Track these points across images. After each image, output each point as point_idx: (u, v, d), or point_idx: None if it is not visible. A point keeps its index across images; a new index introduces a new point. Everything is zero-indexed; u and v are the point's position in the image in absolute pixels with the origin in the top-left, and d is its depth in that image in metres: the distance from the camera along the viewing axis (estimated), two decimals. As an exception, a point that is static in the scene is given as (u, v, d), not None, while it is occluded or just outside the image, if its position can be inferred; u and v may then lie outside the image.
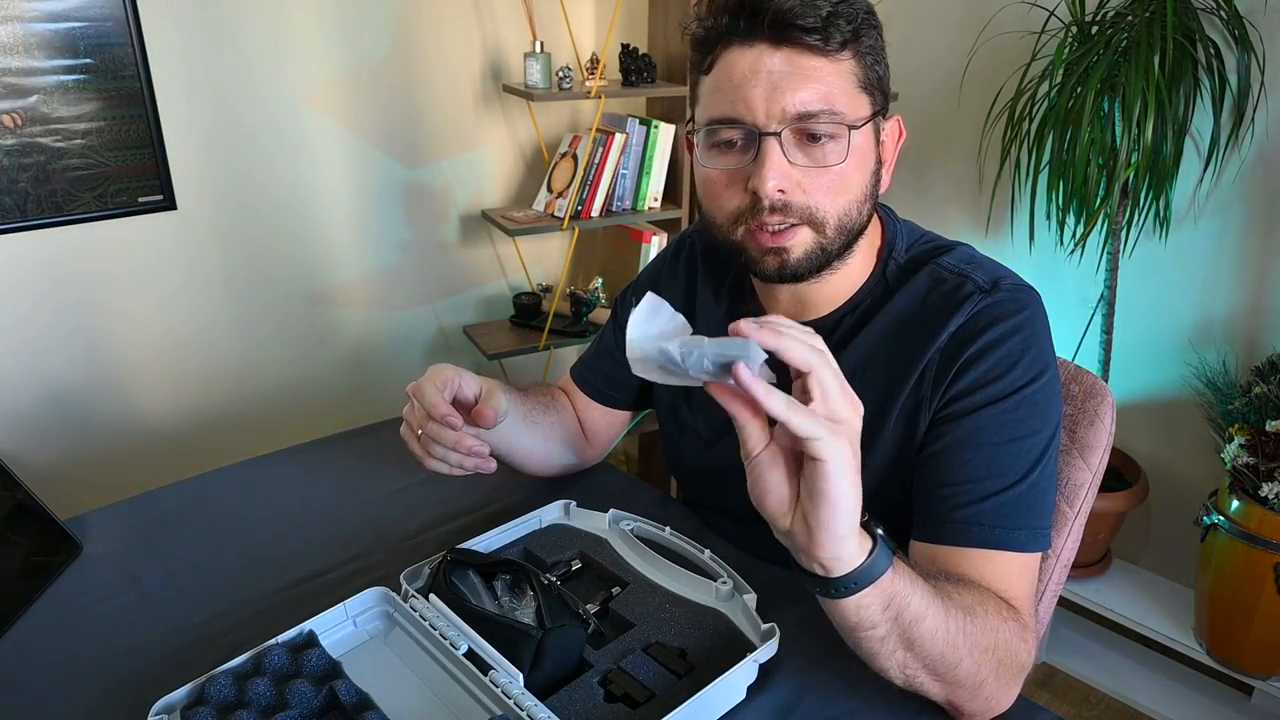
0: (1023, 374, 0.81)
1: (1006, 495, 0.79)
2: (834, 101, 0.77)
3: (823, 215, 0.81)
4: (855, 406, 0.63)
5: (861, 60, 0.79)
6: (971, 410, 0.81)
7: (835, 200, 0.81)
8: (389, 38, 2.25)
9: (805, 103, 0.77)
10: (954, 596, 0.71)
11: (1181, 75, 1.56)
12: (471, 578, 0.86)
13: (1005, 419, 0.80)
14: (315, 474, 1.17)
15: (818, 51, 0.77)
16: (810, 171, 0.79)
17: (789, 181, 0.79)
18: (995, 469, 0.79)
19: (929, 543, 0.81)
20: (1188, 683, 1.88)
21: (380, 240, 2.41)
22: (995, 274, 0.86)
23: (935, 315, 0.85)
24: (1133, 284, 1.84)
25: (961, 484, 0.80)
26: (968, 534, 0.79)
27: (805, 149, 0.79)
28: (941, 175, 2.14)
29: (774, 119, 0.77)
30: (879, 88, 0.82)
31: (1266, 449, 1.54)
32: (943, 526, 0.80)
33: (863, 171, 0.82)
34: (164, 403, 2.20)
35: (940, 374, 0.83)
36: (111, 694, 0.79)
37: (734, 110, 0.79)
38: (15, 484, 0.99)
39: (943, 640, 0.69)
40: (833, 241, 0.83)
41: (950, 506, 0.80)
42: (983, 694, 0.73)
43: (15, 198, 1.88)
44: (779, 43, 0.77)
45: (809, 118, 0.77)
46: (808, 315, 0.92)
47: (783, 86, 0.77)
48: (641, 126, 2.33)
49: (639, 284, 1.12)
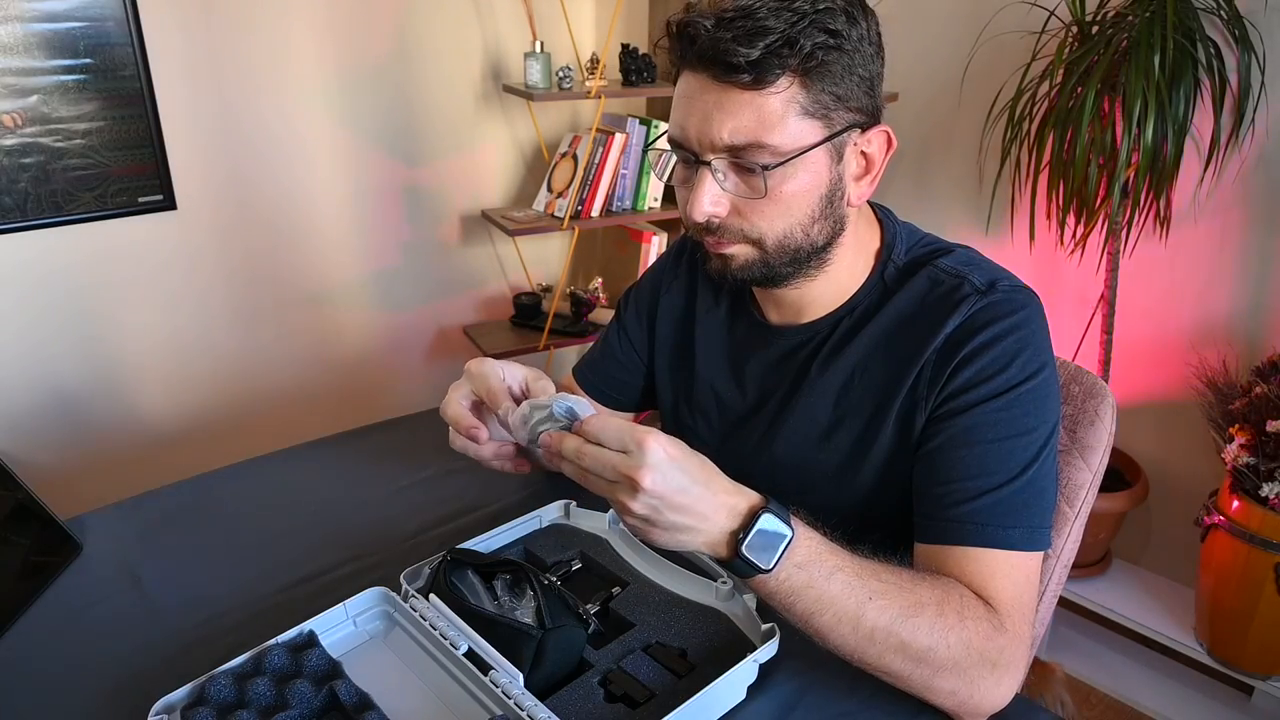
0: (1018, 372, 0.81)
1: (1000, 493, 0.79)
2: (763, 135, 0.77)
3: (759, 235, 0.83)
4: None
5: (811, 86, 0.77)
6: (966, 408, 0.81)
7: (774, 224, 0.82)
8: (389, 38, 2.25)
9: (733, 135, 0.77)
10: (892, 596, 0.72)
11: (1181, 75, 1.56)
12: (471, 578, 0.86)
13: (999, 416, 0.80)
14: (315, 474, 1.17)
15: (749, 87, 0.76)
16: (746, 199, 0.81)
17: (721, 206, 0.81)
18: (989, 467, 0.79)
19: (928, 544, 0.81)
20: (1188, 683, 1.88)
21: (380, 240, 2.41)
22: (993, 275, 0.86)
23: (932, 316, 0.85)
24: (1133, 284, 1.84)
25: (955, 482, 0.80)
26: (961, 532, 0.79)
27: (741, 176, 0.80)
28: (941, 175, 2.14)
29: (705, 148, 0.79)
30: (844, 105, 0.79)
31: (1266, 449, 1.54)
32: (938, 525, 0.80)
33: (809, 195, 0.81)
34: (164, 403, 2.20)
35: (936, 373, 0.83)
36: (111, 694, 0.79)
37: (680, 134, 0.82)
38: (15, 484, 0.99)
39: (850, 635, 0.72)
40: (774, 258, 0.84)
41: (945, 505, 0.80)
42: (939, 687, 0.74)
43: (15, 198, 1.88)
44: (715, 75, 0.77)
45: (738, 150, 0.78)
46: (805, 317, 0.92)
47: (712, 118, 0.78)
48: (641, 126, 2.33)
49: (641, 285, 1.12)
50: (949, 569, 0.79)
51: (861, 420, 0.88)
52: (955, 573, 0.78)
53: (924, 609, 0.72)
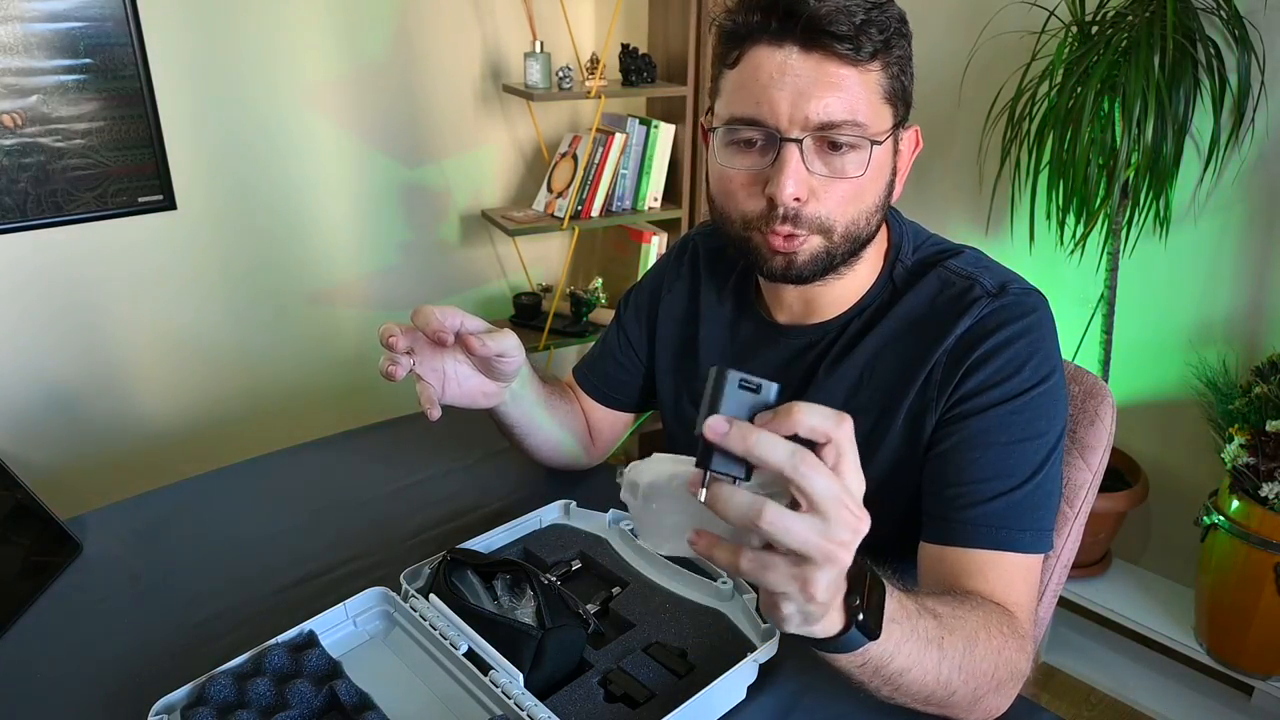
0: (1030, 376, 0.81)
1: (1013, 496, 0.79)
2: (858, 113, 0.76)
3: (831, 223, 0.80)
4: (859, 516, 0.51)
5: (889, 71, 0.78)
6: (979, 411, 0.81)
7: (846, 209, 0.80)
8: (389, 38, 2.25)
9: (830, 112, 0.75)
10: (956, 630, 0.67)
11: (1181, 75, 1.56)
12: (471, 578, 0.86)
13: (1013, 420, 0.80)
14: (315, 474, 1.17)
15: (847, 60, 0.75)
16: (827, 181, 0.79)
17: (805, 189, 0.78)
18: (1002, 470, 0.79)
19: (936, 544, 0.81)
20: (1188, 683, 1.88)
21: (380, 240, 2.41)
22: (1003, 278, 0.86)
23: (943, 318, 0.85)
24: (1133, 284, 1.84)
25: (968, 484, 0.80)
26: (974, 535, 0.79)
27: (825, 158, 0.78)
28: (941, 175, 2.14)
29: (796, 125, 0.76)
30: (903, 99, 0.81)
31: (1266, 449, 1.54)
32: (949, 527, 0.80)
33: (878, 183, 0.81)
34: (164, 403, 2.20)
35: (947, 375, 0.83)
36: (111, 694, 0.79)
37: (757, 111, 0.77)
38: (15, 484, 0.99)
39: (933, 682, 0.66)
40: (839, 247, 0.82)
41: (957, 506, 0.80)
42: (978, 710, 0.72)
43: (15, 198, 1.88)
44: (809, 47, 0.75)
45: (831, 127, 0.76)
46: (815, 317, 0.92)
47: (808, 93, 0.75)
48: (641, 126, 2.33)
49: (641, 286, 1.12)
50: (956, 569, 0.79)
51: (869, 420, 0.87)
52: (961, 573, 0.78)
53: (978, 636, 0.69)
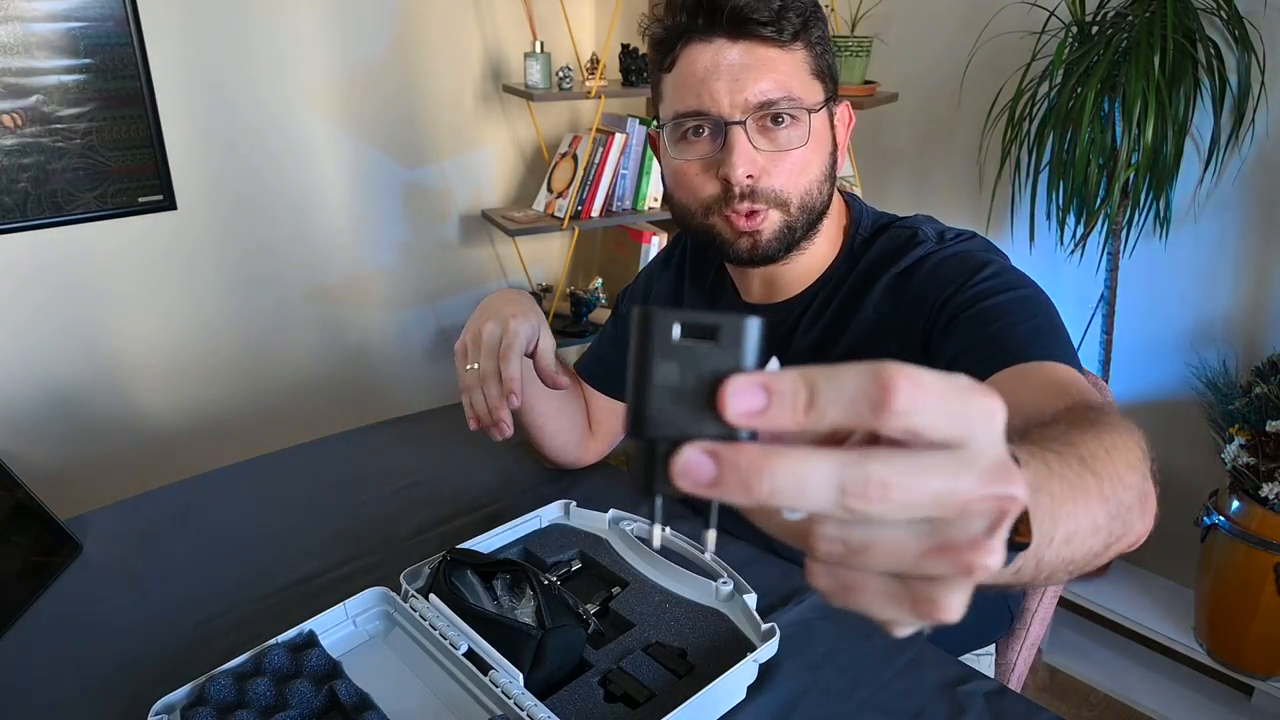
0: (990, 266, 0.83)
1: (1038, 323, 0.78)
2: (791, 88, 0.83)
3: (787, 196, 0.86)
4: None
5: (812, 50, 0.85)
6: (973, 303, 0.82)
7: (798, 181, 0.86)
8: (389, 38, 2.25)
9: (765, 91, 0.82)
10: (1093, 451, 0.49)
11: (1181, 75, 1.56)
12: (471, 578, 0.86)
13: (999, 299, 0.81)
14: (315, 474, 1.17)
15: (773, 43, 0.82)
16: (774, 156, 0.85)
17: (755, 167, 0.84)
18: (1020, 315, 0.79)
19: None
20: (1188, 683, 1.88)
21: (380, 240, 2.41)
22: (942, 229, 0.92)
23: (893, 260, 0.90)
24: (1133, 284, 1.84)
25: (995, 323, 0.79)
26: (1026, 353, 0.74)
27: (768, 135, 0.85)
28: (941, 175, 2.14)
29: (738, 109, 0.83)
30: (829, 75, 0.88)
31: (1266, 449, 1.54)
32: (998, 356, 0.75)
33: (821, 154, 0.88)
34: (164, 403, 2.20)
35: (917, 303, 0.85)
36: (111, 694, 0.79)
37: (699, 103, 0.84)
38: (15, 484, 0.99)
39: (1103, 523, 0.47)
40: (797, 220, 0.87)
41: (998, 343, 0.77)
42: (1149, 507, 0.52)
43: (15, 198, 1.88)
44: (736, 37, 0.82)
45: (770, 105, 0.83)
46: (780, 296, 0.96)
47: (744, 78, 0.82)
48: (641, 126, 2.33)
49: (638, 283, 1.13)
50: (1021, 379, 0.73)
51: None
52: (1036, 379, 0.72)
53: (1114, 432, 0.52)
